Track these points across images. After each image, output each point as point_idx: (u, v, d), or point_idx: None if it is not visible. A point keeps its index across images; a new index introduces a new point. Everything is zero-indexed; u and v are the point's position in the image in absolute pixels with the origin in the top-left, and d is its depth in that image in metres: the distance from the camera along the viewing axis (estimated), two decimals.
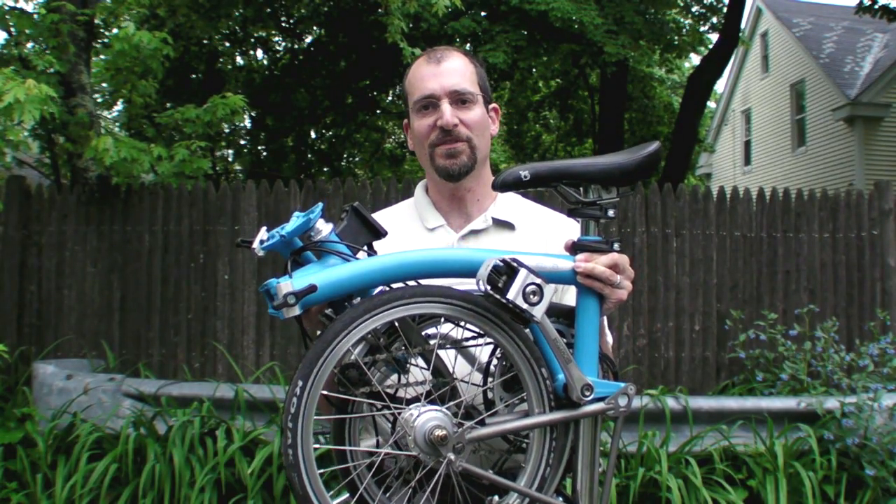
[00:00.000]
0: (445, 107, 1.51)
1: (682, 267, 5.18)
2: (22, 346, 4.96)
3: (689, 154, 12.14)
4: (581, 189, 1.25)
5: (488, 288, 1.13)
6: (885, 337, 4.74)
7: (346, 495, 1.16)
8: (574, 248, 1.26)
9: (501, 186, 1.23)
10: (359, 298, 1.17)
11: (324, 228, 1.17)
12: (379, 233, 1.24)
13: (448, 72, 1.53)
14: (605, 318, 1.51)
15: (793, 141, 17.08)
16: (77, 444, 3.91)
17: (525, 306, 1.12)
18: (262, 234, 1.17)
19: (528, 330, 1.19)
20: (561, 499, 1.22)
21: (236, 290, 5.05)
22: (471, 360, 1.25)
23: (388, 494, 1.18)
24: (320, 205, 1.20)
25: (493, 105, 1.63)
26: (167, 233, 5.13)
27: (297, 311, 1.09)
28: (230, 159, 12.88)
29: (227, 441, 3.85)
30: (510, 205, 1.62)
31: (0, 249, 5.09)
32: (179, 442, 3.83)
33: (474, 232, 1.58)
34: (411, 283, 1.17)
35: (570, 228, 1.36)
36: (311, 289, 1.10)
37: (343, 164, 13.16)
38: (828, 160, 15.55)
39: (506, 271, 1.13)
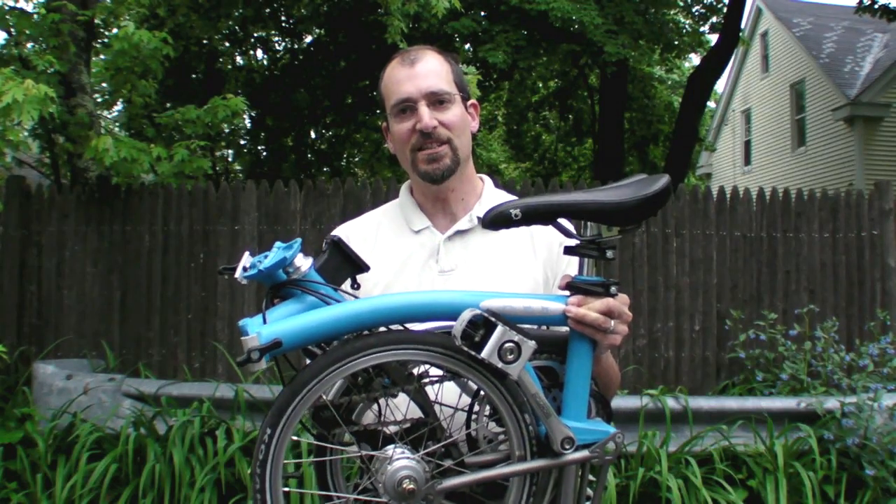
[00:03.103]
0: (423, 109, 1.48)
1: (682, 267, 5.18)
2: (22, 346, 4.96)
3: (689, 154, 12.16)
4: (580, 226, 1.20)
5: (463, 344, 1.09)
6: (885, 337, 4.74)
7: None
8: (569, 287, 1.22)
9: (492, 226, 1.18)
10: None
11: (302, 264, 1.14)
12: (360, 267, 1.22)
13: (423, 73, 1.50)
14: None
15: (793, 141, 17.08)
16: (77, 444, 3.91)
17: (500, 365, 1.09)
18: (246, 259, 1.14)
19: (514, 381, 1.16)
20: None
21: (236, 290, 5.05)
22: (461, 385, 1.22)
23: None
24: (298, 240, 1.17)
25: (472, 101, 1.60)
26: (167, 233, 5.12)
27: (262, 365, 1.07)
28: (230, 159, 12.87)
29: (227, 441, 3.85)
30: (496, 203, 1.60)
31: (0, 249, 5.09)
32: (179, 442, 3.83)
33: (460, 232, 1.56)
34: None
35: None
36: (276, 344, 1.06)
37: (343, 164, 13.16)
38: (828, 160, 15.55)
39: (483, 325, 1.10)
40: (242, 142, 12.32)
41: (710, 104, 18.78)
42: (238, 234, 5.09)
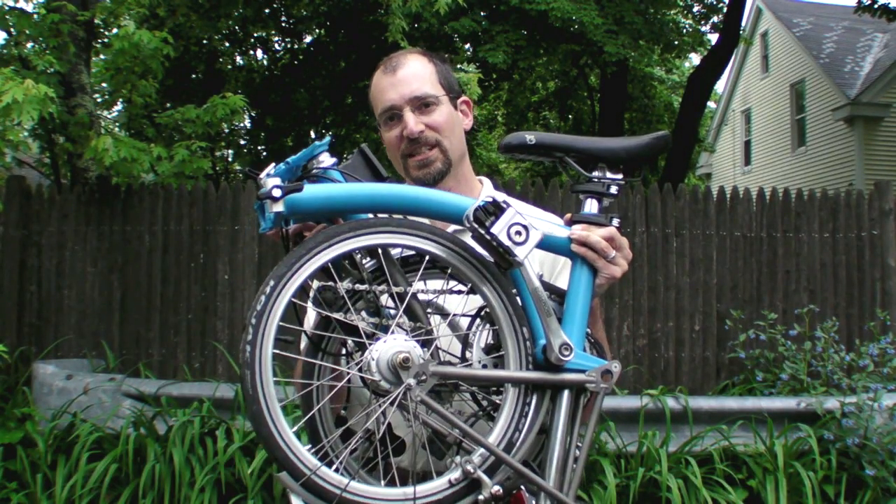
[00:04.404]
0: (408, 116, 1.49)
1: (682, 267, 5.18)
2: (22, 346, 4.95)
3: (689, 154, 12.15)
4: (588, 168, 1.27)
5: (475, 224, 1.13)
6: (885, 337, 4.74)
7: (308, 446, 1.13)
8: (572, 222, 1.27)
9: (506, 149, 1.27)
10: None
11: (327, 160, 1.20)
12: (381, 175, 1.27)
13: (405, 79, 1.50)
14: (599, 305, 1.49)
15: (793, 141, 17.08)
16: (77, 444, 3.91)
17: (508, 244, 1.12)
18: (270, 168, 1.17)
19: (515, 291, 1.18)
20: (528, 469, 1.16)
21: (236, 290, 5.05)
22: (446, 315, 1.23)
23: (353, 452, 1.16)
24: (328, 138, 1.22)
25: (464, 98, 1.60)
26: (167, 233, 5.12)
27: (281, 207, 1.09)
28: (230, 159, 12.87)
29: (227, 441, 3.85)
30: None
31: (0, 249, 5.09)
32: (179, 442, 3.83)
33: (457, 233, 1.57)
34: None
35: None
36: (298, 188, 1.10)
37: None
38: (828, 160, 15.54)
39: (493, 211, 1.14)
40: (242, 142, 12.32)
41: (710, 104, 18.78)
42: (238, 234, 5.09)
